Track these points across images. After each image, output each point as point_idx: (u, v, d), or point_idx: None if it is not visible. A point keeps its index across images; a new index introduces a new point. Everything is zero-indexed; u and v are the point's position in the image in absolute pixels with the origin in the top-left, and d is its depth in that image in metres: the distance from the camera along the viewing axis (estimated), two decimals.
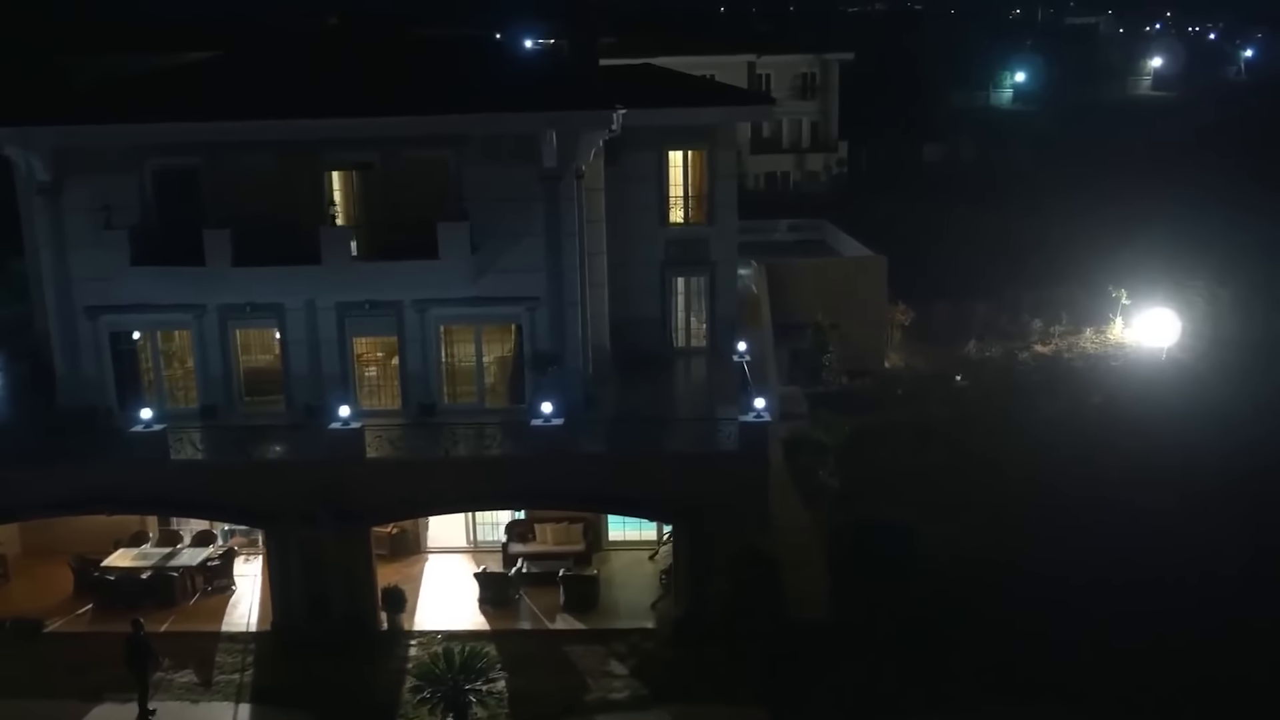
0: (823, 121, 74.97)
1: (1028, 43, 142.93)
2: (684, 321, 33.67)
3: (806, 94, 74.55)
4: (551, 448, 23.70)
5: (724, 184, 32.32)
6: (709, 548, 23.35)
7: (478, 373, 27.86)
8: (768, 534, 23.64)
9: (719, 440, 23.87)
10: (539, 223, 26.58)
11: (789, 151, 74.43)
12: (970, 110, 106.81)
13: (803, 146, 74.97)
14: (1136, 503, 30.51)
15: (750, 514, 23.37)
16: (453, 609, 25.55)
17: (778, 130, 75.01)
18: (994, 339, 47.66)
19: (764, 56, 72.65)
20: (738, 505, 23.33)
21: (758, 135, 74.58)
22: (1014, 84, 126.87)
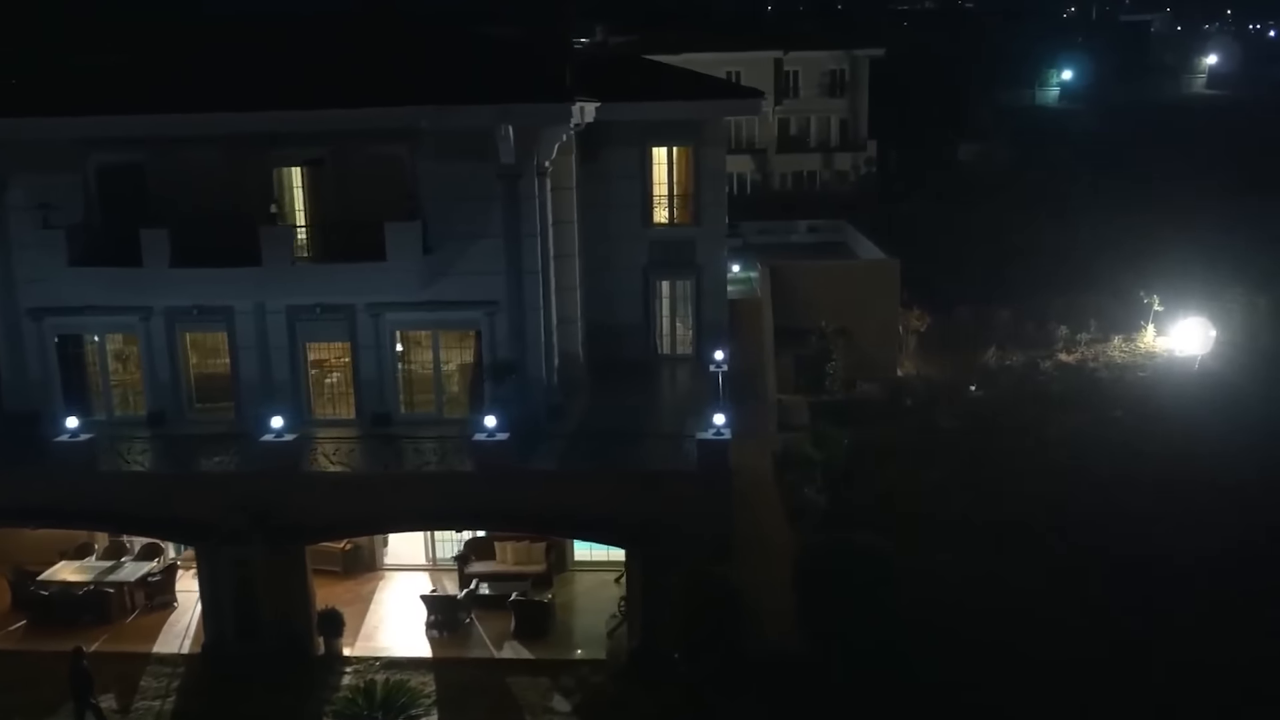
0: (852, 120, 72.57)
1: (1078, 40, 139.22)
2: (669, 327, 31.92)
3: (835, 91, 72.26)
4: (493, 464, 22.04)
5: (711, 182, 30.56)
6: (664, 575, 21.58)
7: (436, 381, 26.33)
8: (728, 561, 21.81)
9: (676, 458, 22.07)
10: (498, 223, 24.98)
11: (817, 150, 72.18)
12: (1014, 109, 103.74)
13: (831, 145, 72.67)
14: (1157, 537, 27.67)
15: (708, 539, 21.56)
16: (398, 633, 24.03)
17: (805, 128, 72.84)
18: (1015, 347, 45.35)
19: (791, 52, 70.48)
20: (695, 529, 21.53)
21: (785, 133, 72.52)
22: (1060, 82, 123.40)
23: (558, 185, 27.25)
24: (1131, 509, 29.35)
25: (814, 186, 71.09)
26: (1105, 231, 57.83)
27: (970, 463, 33.16)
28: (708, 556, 21.43)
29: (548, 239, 25.60)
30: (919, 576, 24.83)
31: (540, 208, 25.20)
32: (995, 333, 46.82)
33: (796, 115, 72.46)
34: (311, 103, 23.30)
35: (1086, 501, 29.96)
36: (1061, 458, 33.31)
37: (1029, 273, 52.21)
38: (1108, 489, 30.86)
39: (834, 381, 39.05)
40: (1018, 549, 27.32)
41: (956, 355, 44.83)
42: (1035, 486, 31.04)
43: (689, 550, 21.32)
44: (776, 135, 72.17)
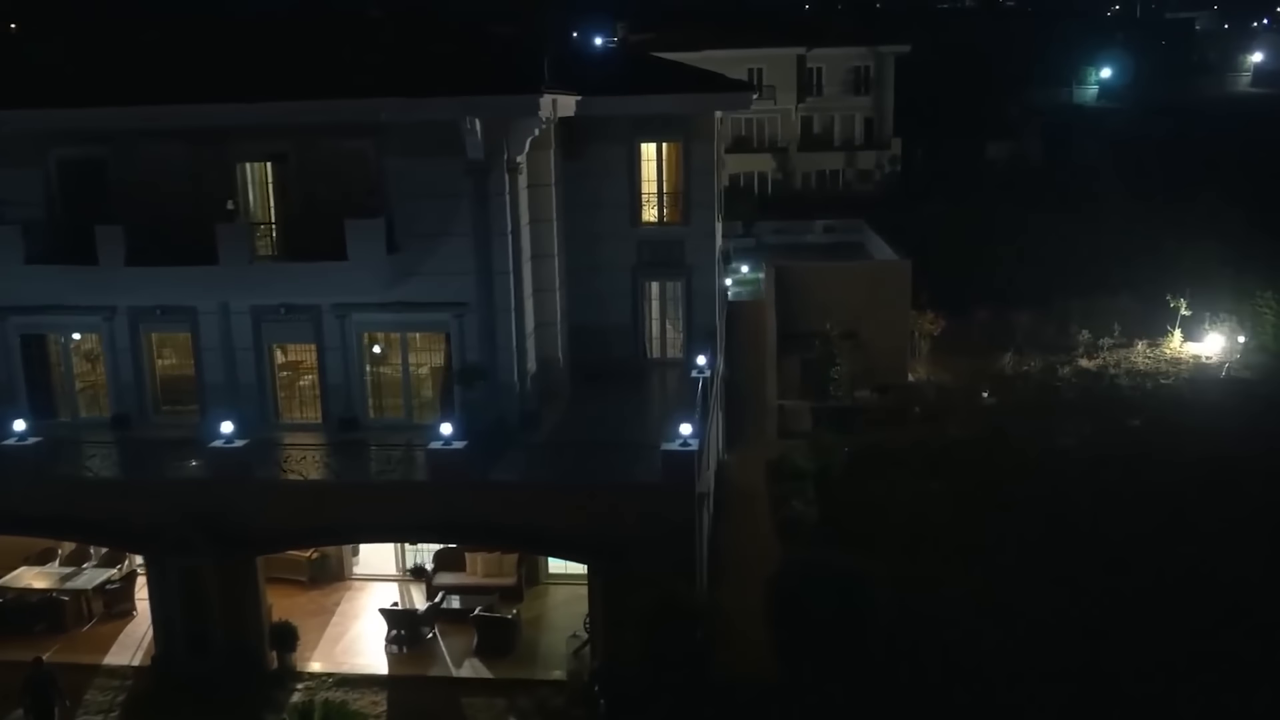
0: (877, 118, 71.00)
1: (1119, 37, 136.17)
2: (659, 331, 30.76)
3: (860, 88, 70.72)
4: (448, 475, 20.99)
5: (701, 180, 29.36)
6: (626, 593, 20.44)
7: (405, 385, 25.37)
8: (694, 578, 20.65)
9: (642, 470, 20.89)
10: (467, 221, 23.96)
11: (840, 149, 70.65)
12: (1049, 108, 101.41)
13: (855, 144, 71.11)
14: (1172, 557, 25.89)
15: (673, 556, 20.40)
16: (357, 648, 23.08)
17: (829, 127, 71.33)
18: (1034, 351, 43.74)
19: (814, 49, 69.07)
20: (658, 545, 20.38)
21: (808, 132, 71.09)
22: (1099, 80, 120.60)
23: (535, 182, 26.20)
24: (1146, 525, 27.77)
25: (837, 186, 69.55)
26: (1134, 233, 55.84)
27: (975, 473, 31.70)
28: (672, 574, 20.27)
29: (520, 238, 24.53)
30: (907, 597, 23.56)
31: (511, 205, 24.13)
32: (1014, 337, 45.24)
33: (820, 113, 71.00)
34: (269, 94, 22.38)
35: (1098, 517, 28.41)
36: (1072, 469, 31.79)
37: (1053, 275, 50.44)
38: (1121, 502, 29.30)
39: (838, 387, 37.68)
40: (1019, 567, 25.83)
41: (973, 360, 43.34)
42: (1042, 499, 29.54)
43: (653, 567, 20.18)
44: (800, 133, 70.74)
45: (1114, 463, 32.09)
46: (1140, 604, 23.75)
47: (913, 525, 27.81)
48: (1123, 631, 22.69)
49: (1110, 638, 22.47)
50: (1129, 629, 22.80)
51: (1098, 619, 23.15)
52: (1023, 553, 26.40)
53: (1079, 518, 28.28)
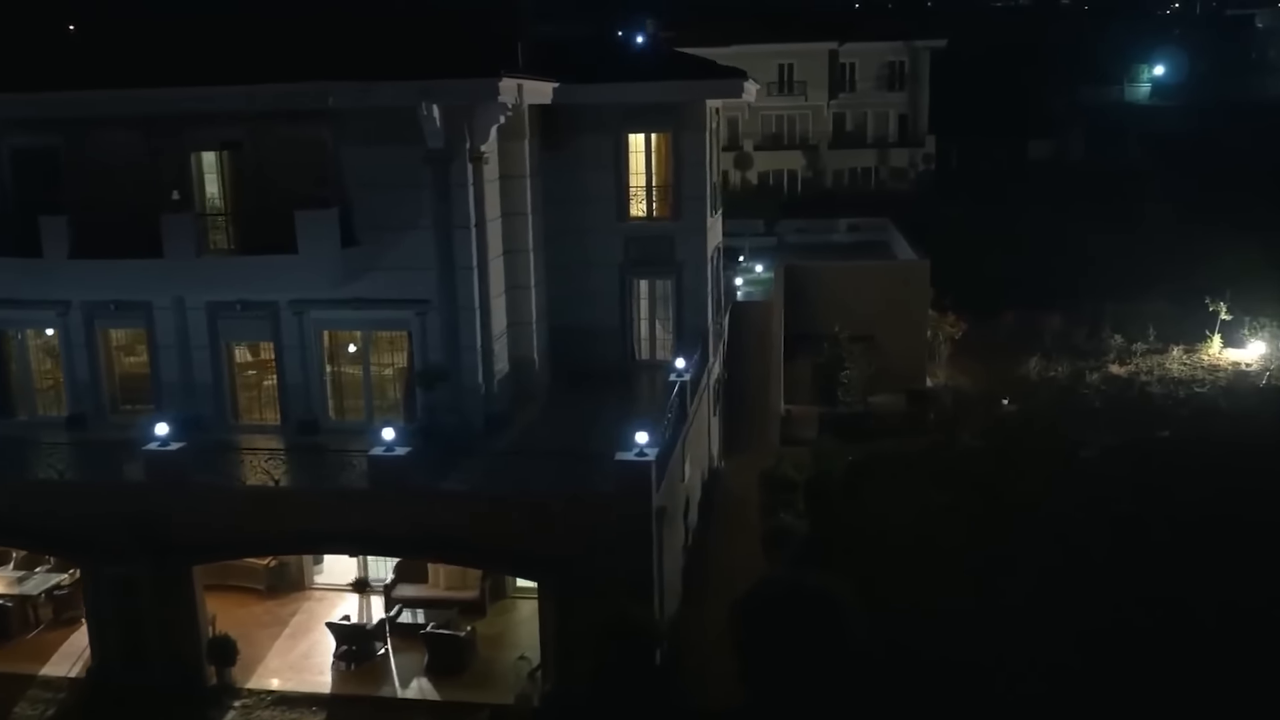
0: (912, 114, 68.81)
1: (1175, 34, 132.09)
2: (647, 332, 29.26)
3: (895, 84, 68.56)
4: (390, 482, 19.66)
5: (692, 173, 27.84)
6: (577, 613, 18.99)
7: (365, 386, 24.13)
8: (649, 597, 19.12)
9: (602, 481, 19.36)
10: (429, 213, 22.67)
11: (873, 146, 68.56)
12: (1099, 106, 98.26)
13: (889, 141, 68.98)
14: (1188, 590, 23.16)
15: (626, 573, 18.91)
16: (304, 664, 21.83)
17: (862, 124, 69.26)
18: (1063, 356, 41.63)
19: (847, 44, 67.08)
20: (611, 562, 18.91)
21: (840, 129, 69.08)
22: (1152, 78, 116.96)
23: (508, 174, 24.87)
24: (1164, 550, 25.47)
25: (869, 184, 67.49)
26: (1176, 234, 53.32)
27: (985, 485, 29.75)
28: (626, 592, 18.78)
29: (486, 232, 23.17)
30: (892, 621, 21.77)
31: (476, 197, 22.82)
32: (1042, 341, 43.19)
33: (853, 110, 68.92)
34: (213, 78, 21.22)
35: (1112, 536, 26.29)
36: (1093, 485, 29.74)
37: (1088, 277, 48.24)
38: (1137, 522, 27.12)
39: (848, 392, 35.94)
40: (1021, 591, 23.84)
41: (997, 365, 41.35)
42: (1053, 515, 27.54)
43: (605, 585, 18.70)
44: (831, 131, 68.79)
45: (1137, 475, 30.02)
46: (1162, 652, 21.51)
47: (909, 542, 25.99)
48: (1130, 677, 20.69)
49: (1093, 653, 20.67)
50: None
51: (1105, 657, 21.21)
52: (1030, 578, 24.37)
53: (1094, 541, 26.21)
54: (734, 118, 69.61)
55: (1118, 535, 26.17)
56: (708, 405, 29.08)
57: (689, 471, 24.44)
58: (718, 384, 31.26)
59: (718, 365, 31.34)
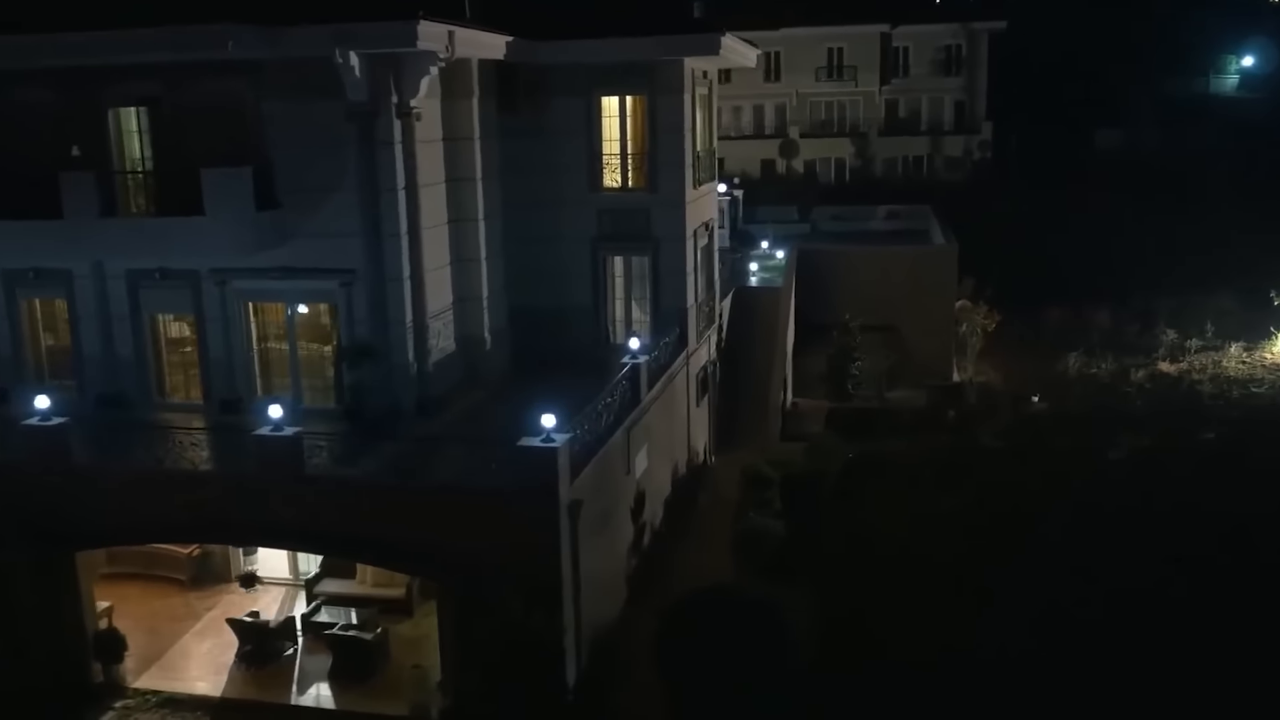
0: (968, 100, 65.30)
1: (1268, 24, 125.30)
2: (623, 312, 26.97)
3: (950, 69, 65.11)
4: (276, 467, 17.69)
5: (669, 140, 25.51)
6: (475, 621, 16.81)
7: (291, 364, 22.25)
8: (556, 605, 16.84)
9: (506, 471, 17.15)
10: (353, 174, 20.70)
11: (925, 134, 65.17)
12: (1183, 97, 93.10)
13: (944, 128, 65.53)
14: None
15: (530, 576, 16.66)
16: (203, 663, 20.01)
17: (916, 110, 65.91)
18: (1107, 352, 38.38)
19: (900, 26, 63.88)
20: (512, 563, 16.69)
21: (893, 115, 65.86)
22: (1241, 69, 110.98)
23: (455, 136, 22.79)
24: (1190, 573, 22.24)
25: (920, 172, 64.17)
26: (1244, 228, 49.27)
27: (998, 490, 26.85)
28: (531, 598, 16.55)
29: (416, 196, 21.09)
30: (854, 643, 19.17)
31: (406, 157, 20.79)
32: (1089, 336, 39.95)
33: (906, 96, 65.59)
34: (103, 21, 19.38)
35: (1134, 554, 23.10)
36: (1112, 489, 26.68)
37: (1147, 270, 44.67)
38: (1168, 538, 23.78)
39: (860, 385, 33.24)
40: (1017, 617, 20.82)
41: (1035, 360, 38.30)
42: (1068, 528, 24.54)
43: (506, 589, 16.49)
44: (883, 117, 65.64)
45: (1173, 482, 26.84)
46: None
47: (895, 552, 23.26)
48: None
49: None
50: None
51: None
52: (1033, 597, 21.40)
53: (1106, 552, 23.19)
54: (782, 104, 67.13)
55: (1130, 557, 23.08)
56: (688, 394, 26.70)
57: (643, 464, 22.11)
58: (707, 372, 28.85)
59: (706, 351, 28.93)
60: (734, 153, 64.29)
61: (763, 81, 66.51)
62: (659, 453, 23.76)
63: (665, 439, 24.43)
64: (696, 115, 27.10)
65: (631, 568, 21.44)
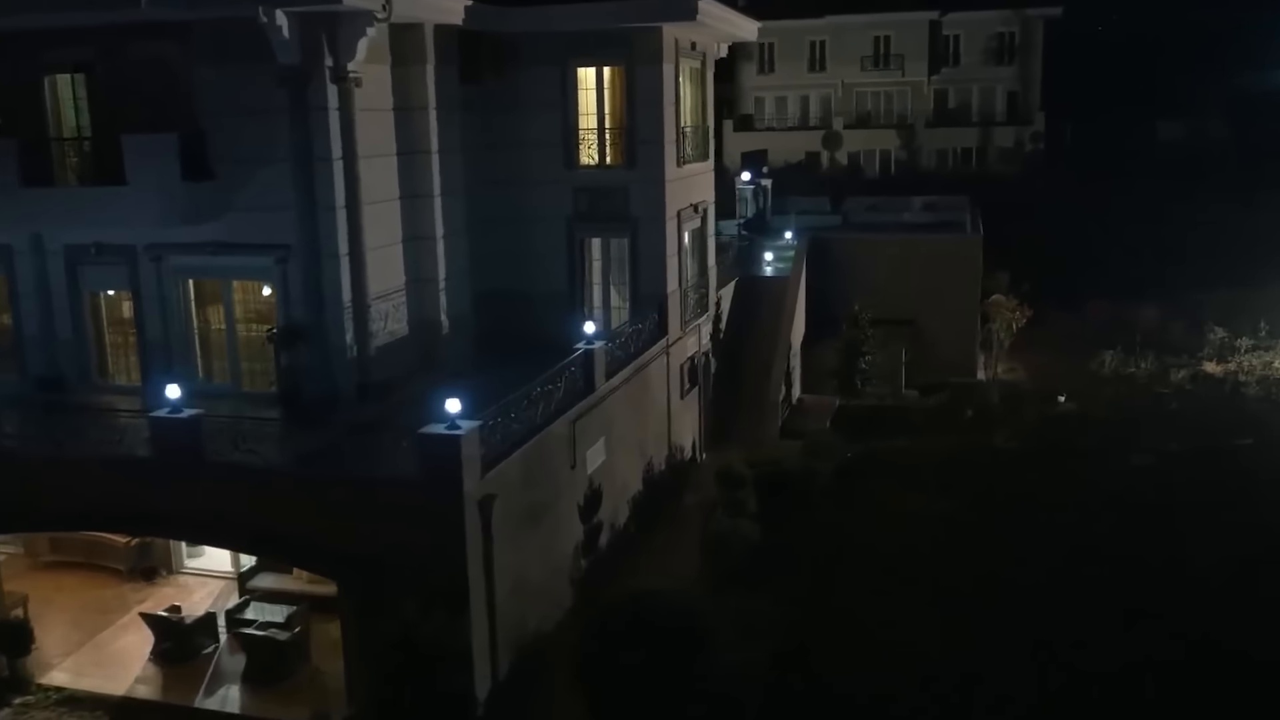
0: (1022, 90, 62.47)
1: None
2: (601, 297, 25.43)
3: (1003, 58, 62.38)
4: (174, 451, 16.45)
5: (648, 113, 23.94)
6: (375, 624, 15.37)
7: (229, 345, 21.08)
8: (463, 608, 15.34)
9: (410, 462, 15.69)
10: (286, 144, 19.44)
11: (976, 125, 62.46)
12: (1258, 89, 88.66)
13: (996, 119, 62.73)
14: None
15: (435, 578, 15.19)
16: (119, 659, 18.86)
17: (966, 101, 63.27)
18: (1152, 352, 35.84)
19: (950, 13, 61.33)
20: (415, 562, 15.24)
21: (942, 106, 63.29)
22: None
23: (407, 105, 21.41)
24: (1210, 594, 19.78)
25: (969, 164, 61.52)
26: None
27: (1005, 496, 24.76)
28: (433, 600, 15.08)
29: (354, 167, 19.72)
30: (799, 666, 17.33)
31: (344, 125, 19.44)
32: (1131, 334, 37.38)
33: (956, 86, 62.99)
34: None
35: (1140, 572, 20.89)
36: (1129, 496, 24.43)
37: (1201, 267, 41.86)
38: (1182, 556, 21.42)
39: (869, 381, 31.26)
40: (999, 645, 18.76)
41: (1069, 358, 35.93)
42: (1075, 541, 22.36)
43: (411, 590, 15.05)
44: (932, 108, 63.12)
45: (1198, 490, 24.54)
46: None
47: (875, 560, 21.37)
48: None
49: None
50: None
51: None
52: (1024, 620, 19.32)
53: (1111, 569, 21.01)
54: (827, 95, 64.93)
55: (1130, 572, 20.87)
56: (669, 385, 25.04)
57: (597, 459, 20.51)
58: (697, 364, 27.15)
59: (696, 341, 27.24)
60: (778, 144, 62.44)
61: (807, 71, 64.62)
62: (625, 447, 22.15)
63: (634, 433, 22.82)
64: (685, 88, 25.51)
65: (581, 570, 19.86)
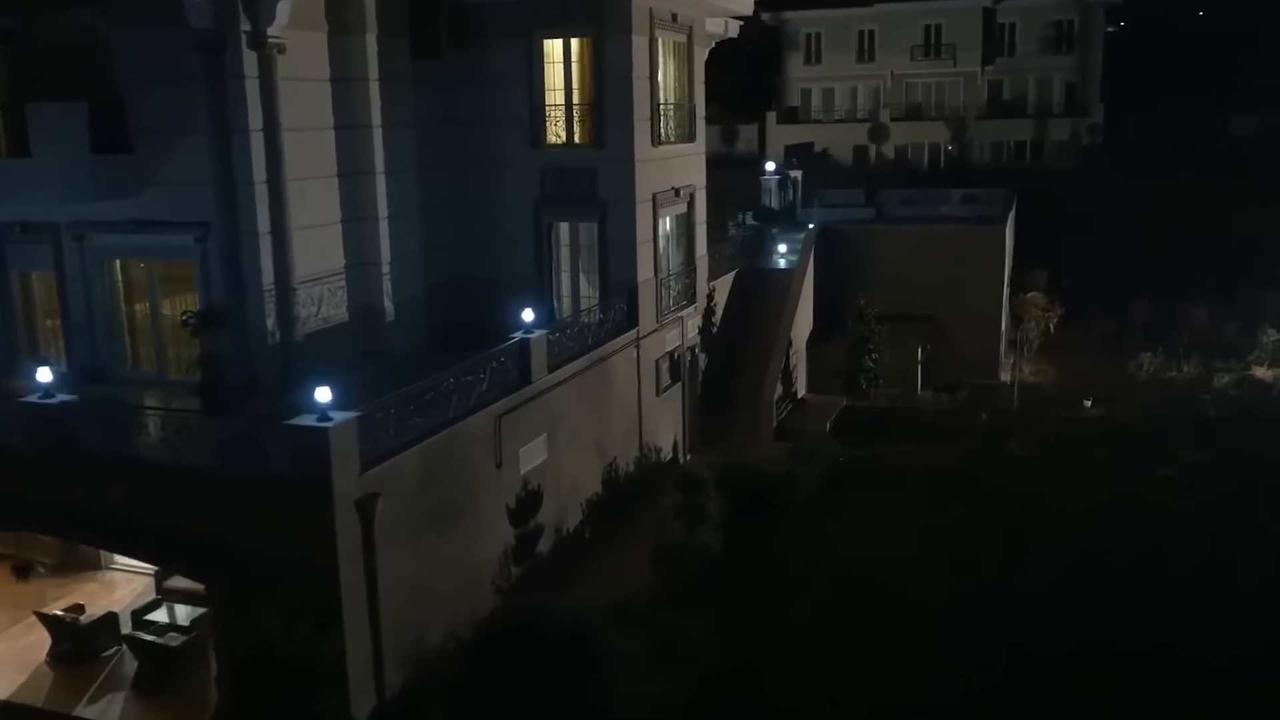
0: (1080, 81, 59.43)
1: None
2: (570, 285, 23.84)
3: (1061, 47, 59.40)
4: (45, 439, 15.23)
5: (617, 88, 22.30)
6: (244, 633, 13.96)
7: (153, 330, 19.94)
8: (334, 616, 13.86)
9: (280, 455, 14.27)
10: (203, 114, 18.19)
11: (1031, 117, 59.55)
12: None
13: (1053, 111, 59.76)
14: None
15: (301, 582, 13.74)
16: (15, 660, 17.73)
17: (1022, 92, 60.37)
18: (1193, 354, 33.21)
19: (1004, 1, 58.64)
20: (284, 566, 13.80)
21: (996, 98, 60.53)
22: None
23: (346, 76, 20.05)
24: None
25: (1022, 157, 58.67)
26: None
27: (1006, 509, 22.57)
28: (300, 609, 13.63)
29: (277, 139, 18.37)
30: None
31: (265, 95, 18.10)
32: (1177, 335, 34.77)
33: (1011, 76, 60.23)
34: None
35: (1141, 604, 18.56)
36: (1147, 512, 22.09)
37: (1263, 266, 38.95)
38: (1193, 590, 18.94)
39: (875, 380, 29.19)
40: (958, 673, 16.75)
41: (1106, 360, 33.46)
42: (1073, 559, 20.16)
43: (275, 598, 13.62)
44: (986, 100, 60.41)
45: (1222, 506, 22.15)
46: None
47: (859, 576, 19.42)
48: None
49: None
50: None
51: None
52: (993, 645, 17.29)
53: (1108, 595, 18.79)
54: (875, 87, 62.54)
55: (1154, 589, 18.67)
56: (639, 381, 23.36)
57: (536, 457, 18.91)
58: (679, 359, 25.42)
59: (680, 335, 25.50)
60: (825, 137, 60.31)
61: (855, 62, 62.38)
62: (577, 446, 20.54)
63: (590, 430, 21.18)
64: (665, 63, 23.81)
65: (512, 579, 18.29)
